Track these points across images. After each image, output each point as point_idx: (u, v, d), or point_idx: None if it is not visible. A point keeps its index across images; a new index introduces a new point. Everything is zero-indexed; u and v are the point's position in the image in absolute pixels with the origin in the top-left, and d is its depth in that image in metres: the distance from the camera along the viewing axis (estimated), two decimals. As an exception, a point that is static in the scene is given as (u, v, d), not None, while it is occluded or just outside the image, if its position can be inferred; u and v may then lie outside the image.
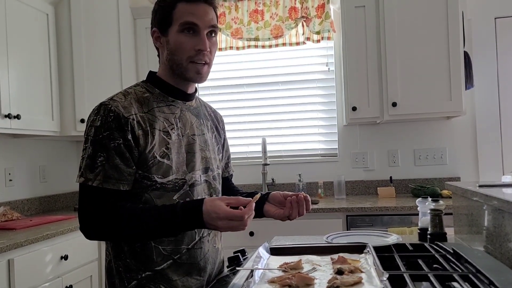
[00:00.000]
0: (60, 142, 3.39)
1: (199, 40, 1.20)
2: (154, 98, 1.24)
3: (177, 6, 1.19)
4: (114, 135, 1.12)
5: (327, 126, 3.45)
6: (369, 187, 3.32)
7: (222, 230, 1.09)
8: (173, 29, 1.20)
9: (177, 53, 1.21)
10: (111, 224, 1.11)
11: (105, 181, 1.11)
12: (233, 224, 1.06)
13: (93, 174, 1.11)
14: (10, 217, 2.62)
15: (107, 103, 1.16)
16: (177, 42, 1.20)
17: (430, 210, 1.47)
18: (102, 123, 1.13)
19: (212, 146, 1.35)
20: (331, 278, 1.00)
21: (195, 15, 1.19)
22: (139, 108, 1.19)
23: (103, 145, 1.12)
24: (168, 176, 1.19)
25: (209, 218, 1.06)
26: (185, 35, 1.19)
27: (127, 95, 1.20)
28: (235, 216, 1.05)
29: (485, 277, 0.98)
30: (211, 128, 1.39)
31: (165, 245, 1.19)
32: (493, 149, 3.16)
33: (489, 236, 1.29)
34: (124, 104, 1.16)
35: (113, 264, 1.22)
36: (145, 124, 1.17)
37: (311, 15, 3.25)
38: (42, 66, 2.81)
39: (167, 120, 1.22)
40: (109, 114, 1.13)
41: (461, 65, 2.86)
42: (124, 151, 1.13)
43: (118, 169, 1.12)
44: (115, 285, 1.21)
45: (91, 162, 1.12)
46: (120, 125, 1.13)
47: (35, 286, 2.13)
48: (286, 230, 2.70)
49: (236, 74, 3.55)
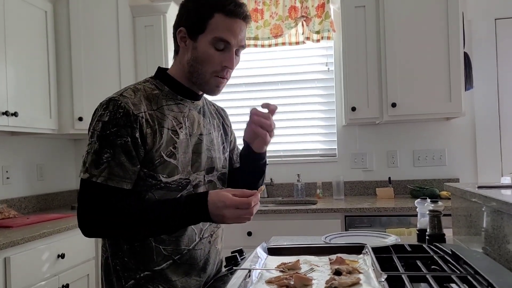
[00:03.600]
0: (57, 140, 3.38)
1: (228, 57, 1.19)
2: (163, 95, 1.22)
3: (215, 16, 1.16)
4: (121, 132, 1.10)
5: (326, 126, 3.45)
6: (368, 188, 3.31)
7: (228, 220, 1.08)
8: (205, 38, 1.17)
9: (203, 64, 1.19)
10: (113, 220, 1.10)
11: (110, 178, 1.09)
12: (239, 213, 1.06)
13: (98, 170, 1.09)
14: (7, 215, 2.61)
15: (117, 99, 1.13)
16: (206, 54, 1.18)
17: (429, 211, 1.47)
18: (110, 119, 1.11)
19: (218, 145, 1.34)
20: (329, 279, 0.99)
21: (230, 32, 1.17)
22: (148, 106, 1.17)
23: (110, 142, 1.10)
24: (173, 175, 1.17)
25: (215, 208, 1.06)
26: (216, 50, 1.17)
27: (137, 92, 1.18)
28: (242, 203, 1.06)
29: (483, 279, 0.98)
30: (217, 126, 1.38)
31: (166, 245, 1.18)
32: (492, 151, 3.16)
33: (487, 237, 1.29)
34: (134, 101, 1.14)
35: (110, 262, 1.20)
36: (154, 122, 1.15)
37: (311, 14, 3.24)
38: (40, 63, 2.80)
39: (176, 118, 1.21)
40: (118, 110, 1.11)
41: (460, 66, 2.86)
42: (130, 149, 1.11)
43: (123, 167, 1.10)
44: (112, 283, 1.20)
45: (96, 157, 1.10)
46: (129, 122, 1.11)
47: (32, 284, 2.12)
48: (284, 230, 2.70)
49: (235, 73, 3.49)
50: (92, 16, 3.03)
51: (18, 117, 2.52)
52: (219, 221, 1.10)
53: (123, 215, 1.10)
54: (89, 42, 3.01)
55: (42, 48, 2.82)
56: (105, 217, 1.10)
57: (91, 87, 3.01)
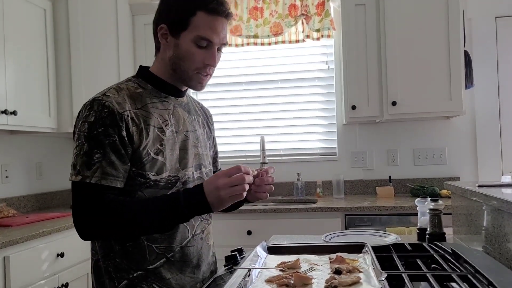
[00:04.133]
0: (57, 139, 3.37)
1: (210, 54, 1.19)
2: (147, 93, 1.22)
3: (197, 14, 1.16)
4: (109, 131, 1.10)
5: (326, 125, 3.44)
6: (368, 187, 3.31)
7: (226, 199, 1.07)
8: (187, 36, 1.17)
9: (185, 61, 1.19)
10: (111, 220, 1.08)
11: (103, 178, 1.08)
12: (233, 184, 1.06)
13: (91, 171, 1.08)
14: (6, 214, 2.61)
15: (101, 98, 1.13)
16: (189, 52, 1.18)
17: (429, 210, 1.47)
18: (96, 119, 1.10)
19: (204, 142, 1.35)
20: (329, 278, 0.99)
21: (212, 30, 1.17)
22: (132, 104, 1.17)
23: (99, 142, 1.09)
24: (162, 173, 1.17)
25: (210, 190, 1.07)
26: (198, 48, 1.18)
27: (120, 91, 1.18)
28: (232, 171, 1.08)
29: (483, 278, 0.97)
30: (202, 123, 1.38)
31: (158, 243, 1.18)
32: (493, 149, 3.16)
33: (488, 236, 1.28)
34: (118, 100, 1.14)
35: (102, 264, 1.20)
36: (139, 120, 1.15)
37: (311, 12, 3.24)
38: (39, 62, 2.80)
39: (161, 116, 1.21)
40: (103, 110, 1.11)
41: (461, 64, 2.85)
42: (119, 147, 1.11)
43: (114, 165, 1.10)
44: (104, 284, 1.19)
45: (87, 159, 1.09)
46: (115, 121, 1.11)
47: (31, 283, 2.11)
48: (284, 229, 2.70)
49: (235, 71, 3.53)
50: (91, 14, 3.02)
51: (17, 115, 2.52)
52: (217, 205, 1.08)
53: (121, 213, 1.08)
54: (88, 40, 3.01)
55: (41, 46, 2.82)
56: (102, 218, 1.08)
57: (90, 85, 3.00)
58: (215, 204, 1.08)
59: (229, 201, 1.08)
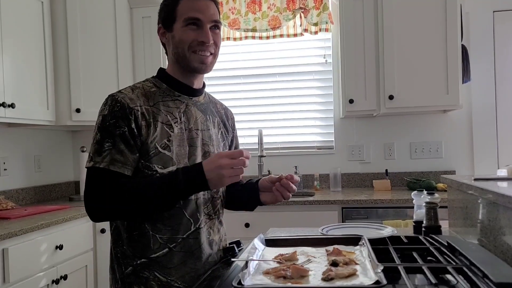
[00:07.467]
0: (55, 132, 3.37)
1: (202, 32, 1.27)
2: (160, 92, 1.31)
3: (180, 2, 1.27)
4: (119, 123, 1.19)
5: (323, 119, 3.45)
6: (365, 180, 3.33)
7: (226, 178, 1.12)
8: (178, 25, 1.27)
9: (180, 45, 1.27)
10: (116, 199, 1.15)
11: (112, 164, 1.17)
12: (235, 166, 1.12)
13: (101, 157, 1.18)
14: (5, 206, 2.61)
15: (115, 95, 1.24)
16: (183, 36, 1.27)
17: (425, 203, 1.48)
18: (109, 112, 1.21)
19: (217, 141, 1.40)
20: (325, 270, 1.00)
21: (197, 11, 1.26)
22: (145, 102, 1.25)
23: (110, 132, 1.19)
24: (168, 166, 1.24)
25: (210, 168, 1.12)
26: (189, 29, 1.26)
27: (135, 89, 1.28)
28: (235, 154, 1.13)
29: (479, 270, 0.99)
30: (218, 124, 1.43)
31: (162, 234, 1.24)
32: (489, 143, 3.17)
33: (483, 229, 1.30)
34: (131, 97, 1.24)
35: (113, 250, 1.30)
36: (149, 116, 1.24)
37: (309, 6, 3.23)
38: (37, 54, 2.79)
39: (170, 113, 1.28)
40: (116, 104, 1.21)
41: (458, 58, 2.86)
42: (128, 138, 1.20)
43: (123, 154, 1.19)
44: (114, 269, 1.29)
45: (99, 147, 1.19)
46: (125, 114, 1.20)
47: (30, 275, 2.13)
48: (281, 222, 2.71)
49: (232, 65, 3.53)
50: (89, 6, 3.01)
51: (15, 108, 2.51)
52: (216, 182, 1.13)
53: (126, 189, 1.16)
54: (86, 33, 3.00)
55: (39, 39, 2.81)
56: (110, 198, 1.16)
57: (88, 78, 3.00)
58: (213, 182, 1.14)
59: (228, 181, 1.14)
